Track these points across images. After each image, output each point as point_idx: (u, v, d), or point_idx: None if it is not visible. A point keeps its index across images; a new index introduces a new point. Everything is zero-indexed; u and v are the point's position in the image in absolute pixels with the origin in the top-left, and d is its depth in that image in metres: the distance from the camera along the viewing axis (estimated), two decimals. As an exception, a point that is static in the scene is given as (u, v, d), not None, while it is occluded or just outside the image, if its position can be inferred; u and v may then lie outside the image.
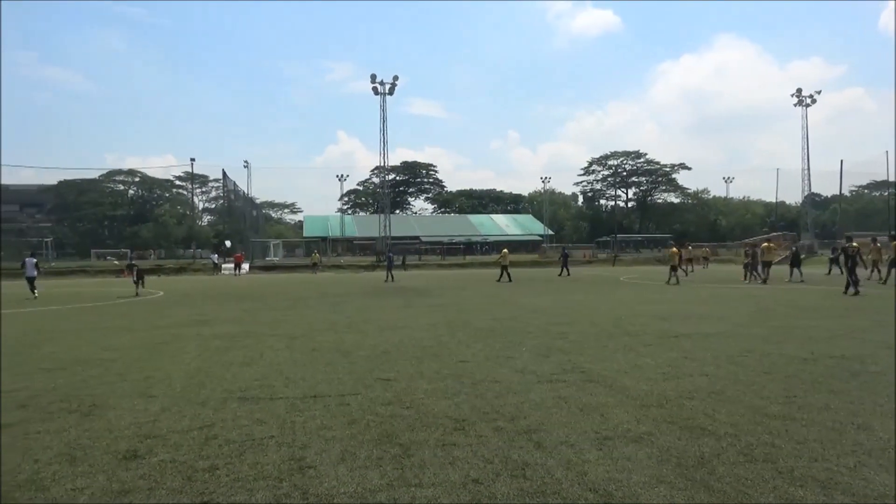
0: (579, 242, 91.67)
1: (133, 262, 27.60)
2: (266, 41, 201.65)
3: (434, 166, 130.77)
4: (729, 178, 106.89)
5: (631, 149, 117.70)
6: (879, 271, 24.37)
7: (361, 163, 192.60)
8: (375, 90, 62.76)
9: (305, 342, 10.46)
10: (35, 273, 24.18)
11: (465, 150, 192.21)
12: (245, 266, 52.06)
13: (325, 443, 4.85)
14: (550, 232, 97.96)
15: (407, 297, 20.85)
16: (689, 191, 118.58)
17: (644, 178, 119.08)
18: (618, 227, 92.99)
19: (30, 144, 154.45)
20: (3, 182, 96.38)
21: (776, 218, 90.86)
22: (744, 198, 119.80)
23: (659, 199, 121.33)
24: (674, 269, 27.28)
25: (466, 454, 4.53)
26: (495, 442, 4.81)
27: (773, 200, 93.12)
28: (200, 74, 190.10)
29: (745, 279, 27.57)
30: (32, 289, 23.61)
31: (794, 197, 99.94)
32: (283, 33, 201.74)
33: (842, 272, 23.42)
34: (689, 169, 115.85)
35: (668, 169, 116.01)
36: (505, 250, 32.70)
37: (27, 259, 24.87)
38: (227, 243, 63.95)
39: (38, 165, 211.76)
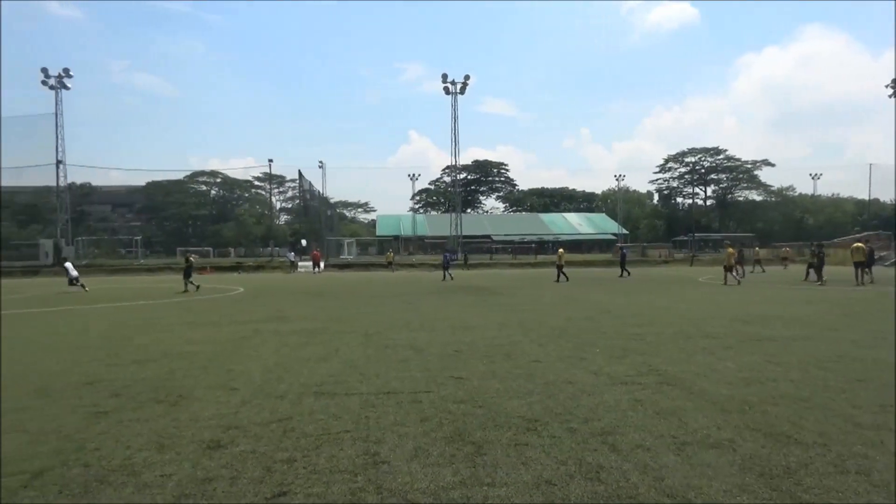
0: (655, 241, 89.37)
1: (189, 257, 28.45)
2: (343, 44, 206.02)
3: (505, 165, 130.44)
4: (816, 174, 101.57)
5: (710, 145, 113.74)
6: None
7: (433, 162, 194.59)
8: (447, 90, 63.20)
9: (379, 339, 10.63)
10: (76, 273, 27.25)
11: (537, 149, 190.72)
12: (321, 264, 53.34)
13: (398, 439, 4.92)
14: (625, 231, 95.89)
15: (479, 297, 20.86)
16: (772, 188, 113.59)
17: (724, 175, 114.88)
18: (695, 226, 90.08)
19: (120, 148, 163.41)
20: (97, 183, 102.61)
21: (869, 216, 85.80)
22: (833, 195, 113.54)
23: (740, 196, 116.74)
24: (728, 269, 26.39)
25: (539, 455, 4.49)
26: (568, 443, 4.75)
27: (866, 198, 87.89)
28: (278, 78, 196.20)
29: (806, 279, 26.96)
30: (81, 285, 26.39)
31: (889, 194, 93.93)
32: (359, 36, 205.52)
33: None
34: (773, 165, 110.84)
35: (749, 165, 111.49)
36: (561, 250, 32.57)
37: (66, 264, 28.10)
38: (303, 242, 65.76)
39: (127, 167, 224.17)
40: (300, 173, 71.12)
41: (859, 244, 26.83)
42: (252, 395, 6.55)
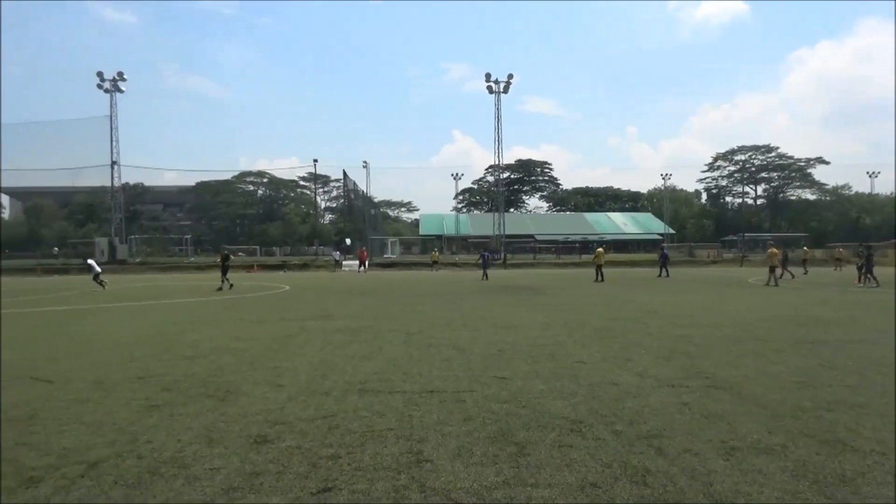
0: (702, 241, 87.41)
1: (227, 253, 28.44)
2: (388, 45, 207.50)
3: (549, 164, 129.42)
4: (874, 172, 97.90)
5: (760, 143, 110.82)
6: None
7: (476, 161, 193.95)
8: (490, 89, 62.96)
9: (422, 338, 10.67)
10: (99, 269, 28.25)
11: (582, 148, 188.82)
12: (366, 263, 53.79)
13: (441, 437, 4.93)
14: (671, 231, 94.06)
15: (522, 296, 20.76)
16: (826, 186, 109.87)
17: (775, 174, 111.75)
18: (745, 226, 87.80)
19: (172, 149, 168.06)
20: (149, 184, 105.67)
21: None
22: (892, 194, 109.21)
23: (792, 195, 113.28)
24: (772, 270, 25.63)
25: (583, 456, 4.45)
26: (614, 446, 4.69)
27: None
28: (324, 79, 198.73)
29: (859, 282, 25.64)
30: (101, 282, 27.19)
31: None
32: (404, 36, 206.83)
33: None
34: (827, 163, 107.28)
35: (802, 163, 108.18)
36: (600, 249, 32.40)
37: (89, 261, 29.53)
38: (347, 241, 66.48)
39: (179, 168, 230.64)
40: (344, 173, 71.83)
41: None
42: (298, 391, 6.65)
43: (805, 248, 42.33)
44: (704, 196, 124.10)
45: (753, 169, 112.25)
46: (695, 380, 7.04)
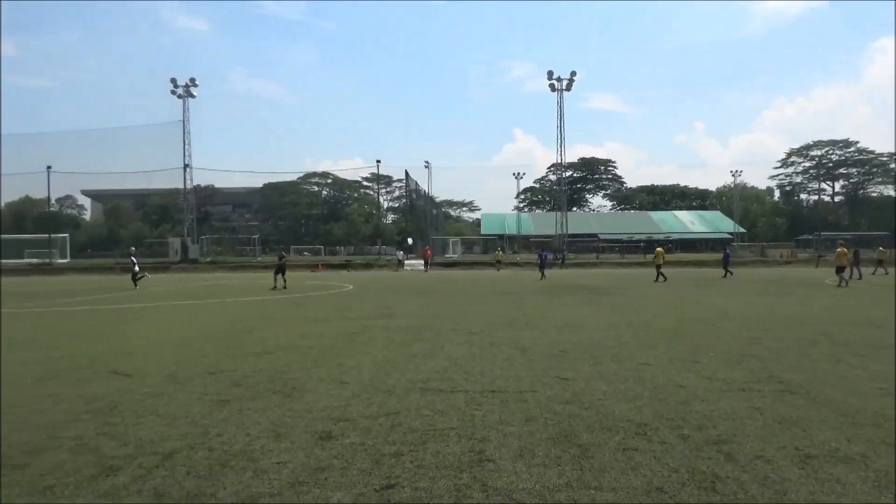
0: (775, 240, 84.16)
1: (283, 254, 28.65)
2: (449, 45, 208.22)
3: (613, 162, 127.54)
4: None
5: (838, 137, 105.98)
6: None
7: (538, 160, 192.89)
8: (552, 87, 62.47)
9: (484, 337, 10.66)
10: (138, 269, 28.72)
11: (647, 145, 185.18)
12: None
13: (503, 437, 4.91)
14: (741, 229, 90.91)
15: (586, 296, 20.47)
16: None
17: (854, 170, 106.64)
18: (821, 224, 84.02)
19: (241, 151, 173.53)
20: (219, 185, 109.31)
21: None
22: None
23: (873, 192, 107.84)
24: (840, 270, 24.33)
25: (649, 460, 4.35)
26: (680, 450, 4.56)
27: None
28: (386, 80, 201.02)
29: None
30: (135, 281, 27.79)
31: None
32: (465, 36, 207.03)
33: None
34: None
35: (884, 158, 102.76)
36: (659, 249, 31.93)
37: (133, 259, 29.88)
38: (409, 241, 67.06)
39: (247, 170, 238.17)
40: (406, 173, 72.63)
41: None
42: (361, 388, 6.75)
43: (881, 247, 40.08)
44: (777, 193, 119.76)
45: (830, 165, 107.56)
46: (767, 384, 6.78)
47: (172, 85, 60.66)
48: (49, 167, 62.67)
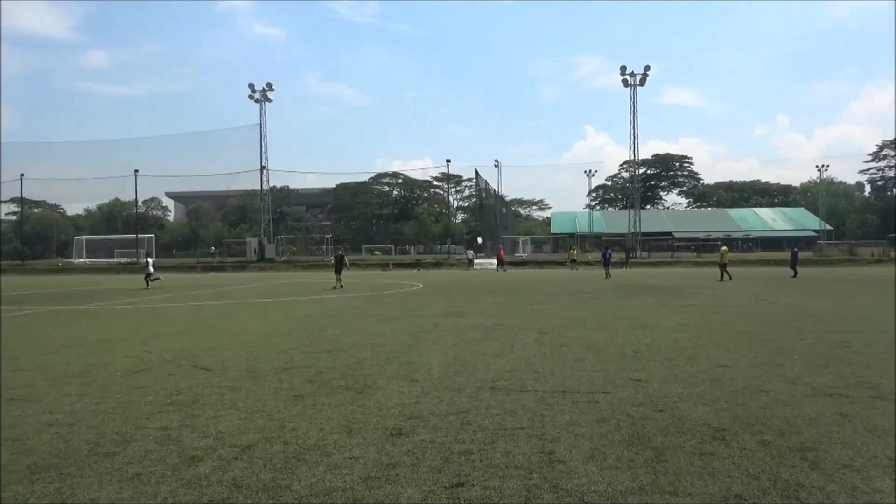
0: (865, 238, 79.59)
1: (341, 252, 28.46)
2: (518, 43, 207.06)
3: (689, 158, 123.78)
4: None
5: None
6: None
7: (610, 157, 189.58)
8: (625, 82, 61.15)
9: (554, 337, 10.55)
10: (152, 270, 29.27)
11: (725, 139, 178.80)
12: (495, 261, 53.90)
13: (574, 438, 4.84)
14: (828, 227, 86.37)
15: (659, 296, 19.95)
16: None
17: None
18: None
19: (314, 153, 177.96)
20: (294, 186, 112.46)
21: None
22: None
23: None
24: None
25: (727, 466, 4.19)
26: (761, 456, 4.38)
27: None
28: (456, 80, 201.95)
29: None
30: (148, 281, 28.38)
31: None
32: (534, 33, 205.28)
33: None
34: None
35: None
36: (724, 248, 31.85)
37: (148, 259, 30.83)
38: (479, 240, 67.06)
39: (320, 171, 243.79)
40: (476, 172, 72.60)
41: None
42: (431, 387, 6.80)
43: None
44: (868, 188, 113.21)
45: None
46: (856, 389, 6.42)
47: (250, 90, 62.74)
48: (136, 171, 65.93)
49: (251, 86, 62.73)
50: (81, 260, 70.00)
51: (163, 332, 12.30)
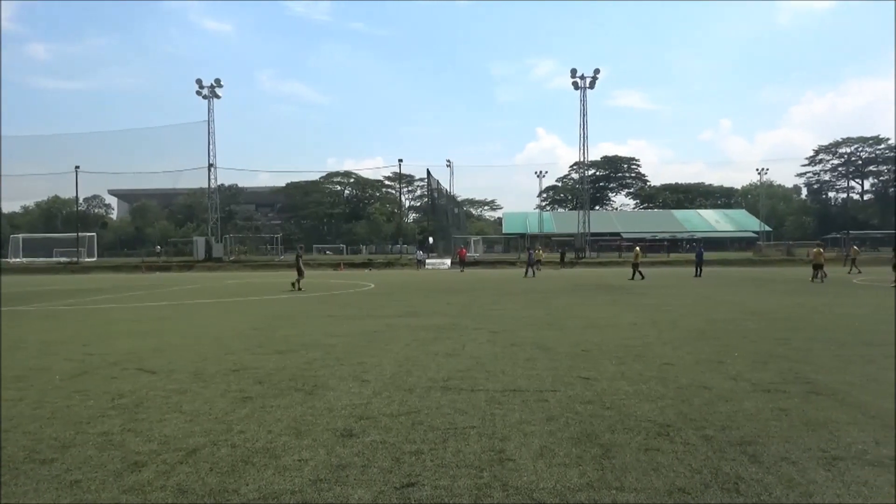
0: (802, 239, 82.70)
1: (300, 254, 27.75)
2: (474, 43, 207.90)
3: (636, 160, 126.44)
4: None
5: (869, 133, 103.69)
6: None
7: (561, 159, 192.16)
8: (576, 85, 62.09)
9: (506, 337, 10.63)
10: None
11: (672, 142, 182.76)
12: (447, 261, 54.08)
13: (524, 437, 4.89)
14: (767, 228, 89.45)
15: (610, 295, 20.33)
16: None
17: (885, 167, 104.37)
18: (851, 223, 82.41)
19: (266, 151, 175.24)
20: (243, 185, 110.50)
21: None
22: None
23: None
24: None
25: (671, 461, 4.30)
26: (704, 451, 4.51)
27: None
28: (412, 79, 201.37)
29: None
30: None
31: None
32: (490, 34, 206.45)
33: None
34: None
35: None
36: (637, 248, 35.21)
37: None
38: (431, 240, 67.14)
39: (271, 169, 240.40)
40: (428, 172, 72.66)
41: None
42: (383, 387, 6.77)
43: (854, 247, 39.86)
44: (805, 192, 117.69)
45: (860, 162, 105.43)
46: (794, 385, 6.67)
47: (198, 86, 61.34)
48: (77, 167, 63.72)
49: (199, 81, 61.30)
50: (18, 259, 67.23)
51: (106, 333, 11.92)
